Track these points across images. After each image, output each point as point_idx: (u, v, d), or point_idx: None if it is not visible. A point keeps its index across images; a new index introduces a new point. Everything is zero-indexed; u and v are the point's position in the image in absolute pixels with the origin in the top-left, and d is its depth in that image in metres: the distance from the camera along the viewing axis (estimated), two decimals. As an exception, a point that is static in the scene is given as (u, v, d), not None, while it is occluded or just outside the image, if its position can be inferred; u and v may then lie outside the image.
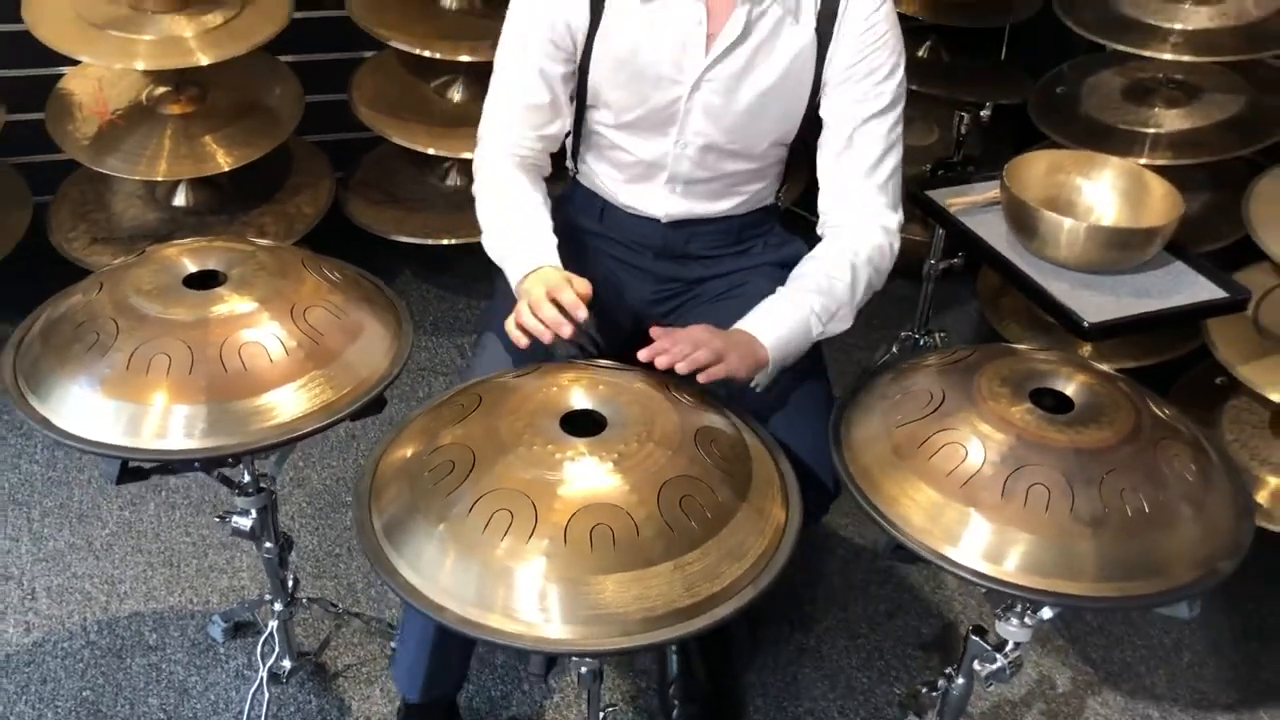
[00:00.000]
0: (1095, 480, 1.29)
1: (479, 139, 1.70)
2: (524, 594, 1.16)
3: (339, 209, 2.70)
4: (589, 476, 1.22)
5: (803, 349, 1.54)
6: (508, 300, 1.56)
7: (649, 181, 1.70)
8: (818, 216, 1.66)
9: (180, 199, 2.62)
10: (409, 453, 1.33)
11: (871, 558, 2.24)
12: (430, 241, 2.66)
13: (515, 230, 1.59)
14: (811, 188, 1.68)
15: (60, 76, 2.54)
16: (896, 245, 1.62)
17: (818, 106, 1.61)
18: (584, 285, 1.45)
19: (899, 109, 1.60)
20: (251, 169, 2.51)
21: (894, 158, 1.60)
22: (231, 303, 1.43)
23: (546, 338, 1.41)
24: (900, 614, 2.13)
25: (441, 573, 1.19)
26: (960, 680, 1.61)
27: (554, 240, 1.57)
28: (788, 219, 1.84)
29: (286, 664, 1.86)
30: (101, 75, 2.52)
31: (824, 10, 1.55)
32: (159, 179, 2.50)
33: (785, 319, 1.50)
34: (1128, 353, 2.49)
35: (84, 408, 1.37)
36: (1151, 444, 1.35)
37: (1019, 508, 1.28)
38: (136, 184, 2.63)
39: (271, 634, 1.81)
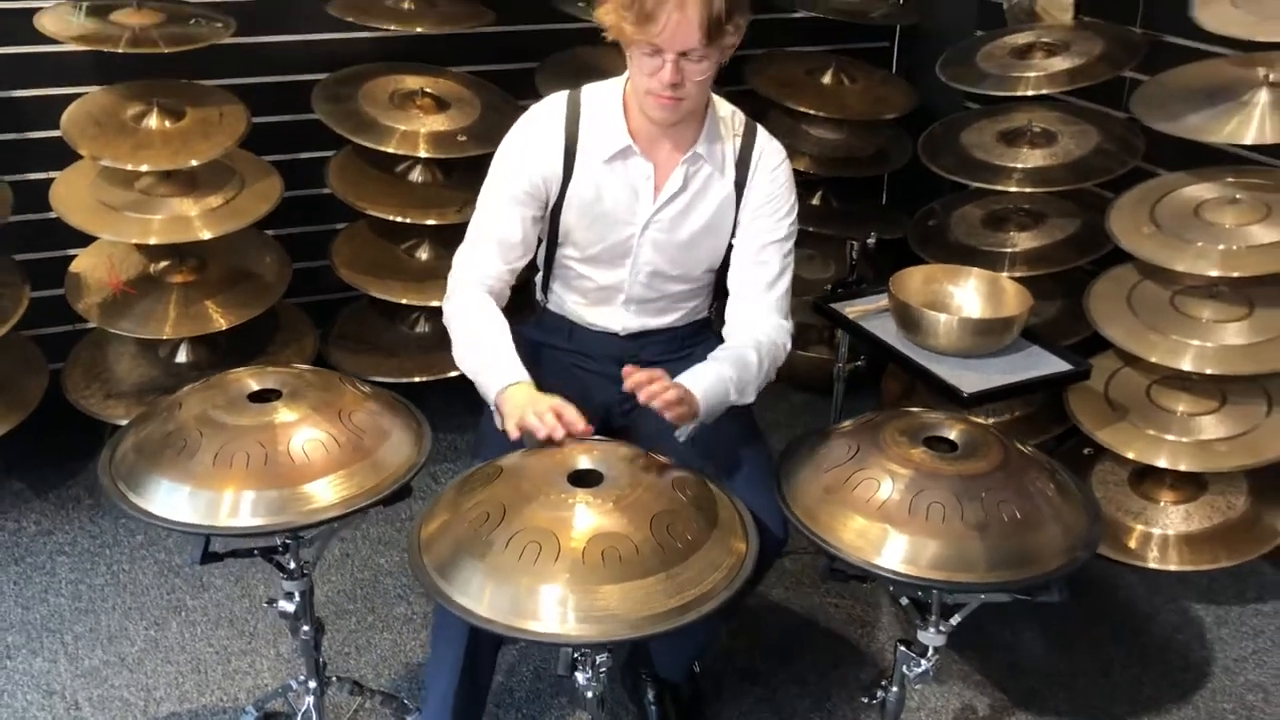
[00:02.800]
0: (977, 497, 1.69)
1: (454, 265, 2.04)
2: (552, 604, 1.50)
3: (322, 359, 3.06)
4: (596, 514, 1.58)
5: (719, 410, 1.91)
6: (494, 425, 1.93)
7: (609, 304, 2.10)
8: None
9: (182, 356, 2.96)
10: (447, 514, 1.67)
11: (813, 621, 2.59)
12: (404, 380, 3.02)
13: (493, 351, 1.93)
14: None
15: (73, 257, 2.89)
16: (789, 347, 2.03)
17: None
18: (587, 429, 1.79)
19: (792, 240, 2.05)
20: (245, 328, 2.87)
21: (786, 278, 2.04)
22: (291, 411, 1.78)
23: (542, 434, 1.74)
24: (842, 665, 2.47)
25: (486, 594, 1.53)
26: (895, 688, 1.96)
27: (519, 360, 1.91)
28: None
29: (318, 739, 2.13)
30: (111, 251, 2.88)
31: (740, 165, 2.01)
32: (165, 338, 2.84)
33: (711, 382, 1.88)
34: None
35: (173, 499, 1.69)
36: (1018, 470, 1.77)
37: (923, 521, 1.67)
38: (140, 346, 2.96)
39: (309, 709, 2.08)
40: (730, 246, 2.07)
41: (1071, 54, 2.85)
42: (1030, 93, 2.83)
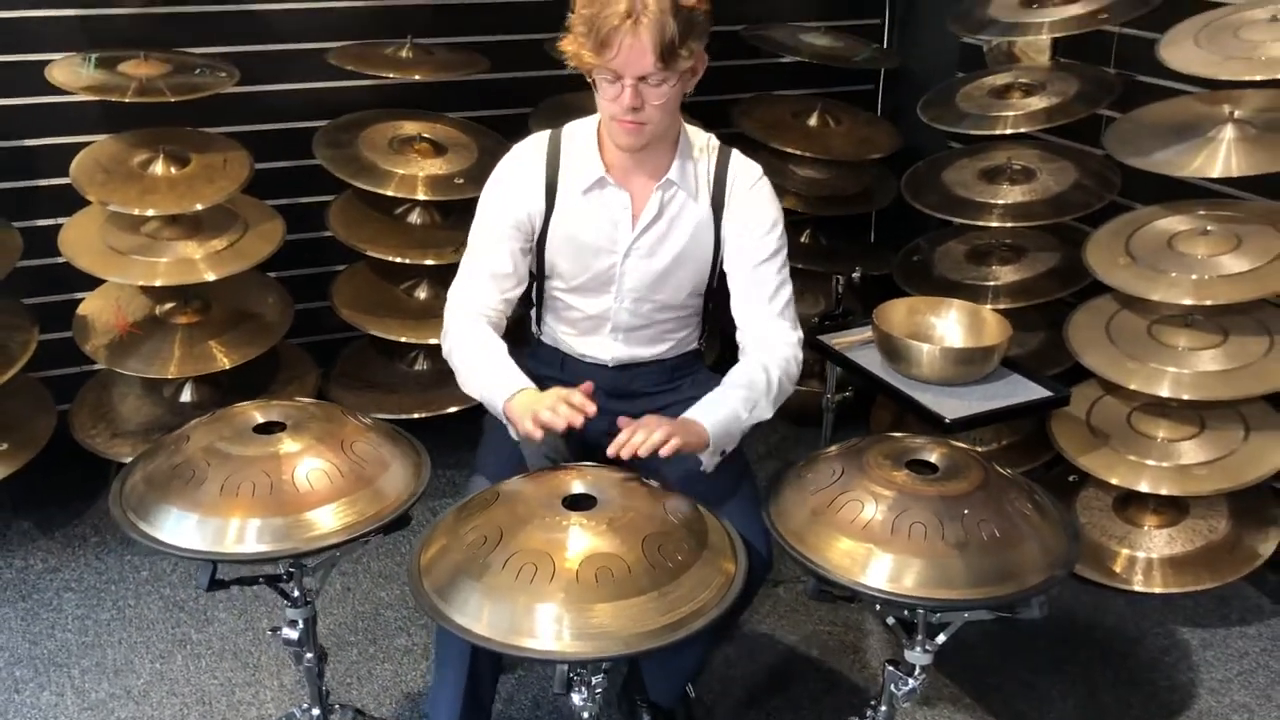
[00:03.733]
0: (958, 517, 1.75)
1: (450, 300, 2.11)
2: (548, 622, 1.55)
3: (324, 397, 3.12)
4: (590, 536, 1.64)
5: (735, 432, 1.97)
6: (494, 441, 2.01)
7: (597, 333, 2.17)
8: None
9: (187, 396, 3.03)
10: (446, 539, 1.73)
11: (806, 648, 2.64)
12: (404, 417, 3.09)
13: (493, 368, 2.00)
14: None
15: (81, 300, 2.97)
16: (801, 355, 2.08)
17: (721, 262, 2.12)
18: (587, 386, 1.87)
19: (784, 253, 2.10)
20: (248, 368, 2.94)
21: (786, 290, 2.09)
22: (295, 442, 1.85)
23: (560, 426, 1.81)
24: (834, 690, 2.52)
25: (484, 614, 1.58)
26: (884, 708, 2.01)
27: (519, 370, 1.99)
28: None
29: (322, 766, 2.17)
30: (119, 294, 2.95)
31: (715, 189, 2.08)
32: (170, 377, 2.91)
33: (719, 407, 1.94)
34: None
35: (181, 527, 1.75)
36: (997, 491, 1.82)
37: (905, 540, 1.73)
38: (146, 386, 3.04)
39: (312, 736, 2.13)
40: (718, 274, 2.13)
41: (1048, 93, 2.95)
42: (1009, 131, 2.92)
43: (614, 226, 2.06)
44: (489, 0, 3.21)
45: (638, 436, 1.82)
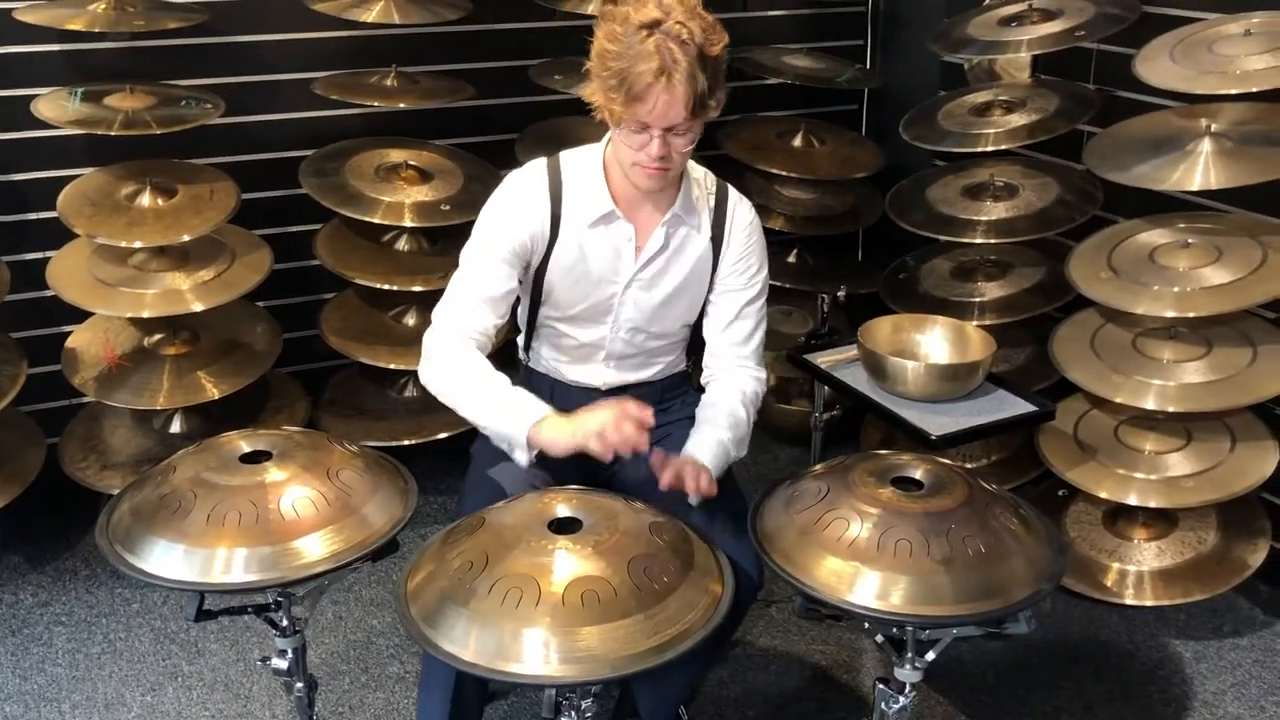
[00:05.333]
0: (943, 533, 1.75)
1: (435, 323, 2.08)
2: (534, 646, 1.55)
3: (314, 425, 3.12)
4: (576, 559, 1.64)
5: (724, 470, 2.04)
6: (477, 480, 2.05)
7: (590, 361, 2.19)
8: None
9: (176, 426, 3.03)
10: (432, 565, 1.73)
11: (799, 668, 2.64)
12: (394, 443, 3.09)
13: (506, 396, 1.99)
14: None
15: (69, 333, 2.97)
16: (763, 392, 2.18)
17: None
18: (646, 412, 1.88)
19: (765, 295, 2.17)
20: (237, 397, 2.94)
21: (761, 330, 2.17)
22: (281, 470, 1.85)
23: (627, 450, 1.85)
24: (828, 709, 2.51)
25: (471, 639, 1.58)
26: (875, 725, 2.01)
27: (534, 396, 1.99)
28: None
29: (313, 796, 2.16)
30: (107, 326, 2.96)
31: (715, 224, 2.11)
32: (159, 408, 2.91)
33: (716, 452, 2.02)
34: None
35: (169, 558, 1.75)
36: (982, 506, 1.83)
37: (891, 557, 1.73)
38: (135, 418, 3.04)
39: (303, 765, 2.12)
40: (705, 302, 2.16)
41: (1029, 110, 2.97)
42: (991, 148, 2.94)
43: (617, 257, 2.08)
44: (473, 28, 3.22)
45: (704, 485, 1.93)
